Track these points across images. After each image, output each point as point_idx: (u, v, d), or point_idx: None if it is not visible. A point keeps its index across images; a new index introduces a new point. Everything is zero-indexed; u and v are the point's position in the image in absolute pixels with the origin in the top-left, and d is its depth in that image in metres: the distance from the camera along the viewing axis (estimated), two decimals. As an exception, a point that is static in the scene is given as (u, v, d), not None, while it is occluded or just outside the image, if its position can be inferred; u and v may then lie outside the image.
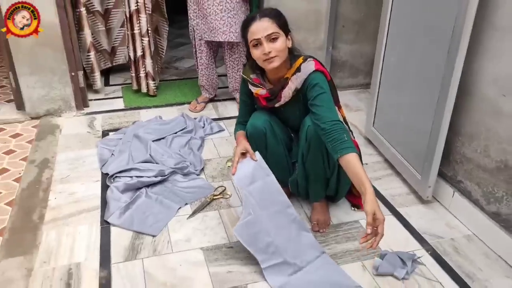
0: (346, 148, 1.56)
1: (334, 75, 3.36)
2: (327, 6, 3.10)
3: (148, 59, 3.13)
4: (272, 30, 1.69)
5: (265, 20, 1.70)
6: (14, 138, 2.64)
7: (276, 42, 1.70)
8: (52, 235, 1.87)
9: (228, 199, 2.13)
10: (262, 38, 1.68)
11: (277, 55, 1.70)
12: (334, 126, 1.62)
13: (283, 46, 1.72)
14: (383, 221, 1.43)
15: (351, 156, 1.55)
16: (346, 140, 1.58)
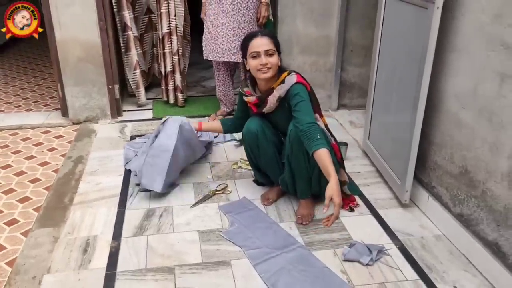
0: (317, 145, 1.86)
1: (343, 95, 3.65)
2: (336, 32, 3.42)
3: (177, 74, 3.56)
4: (270, 47, 2.06)
5: (265, 38, 2.07)
6: (57, 139, 3.11)
7: (272, 57, 2.06)
8: (78, 214, 2.26)
9: (229, 194, 2.45)
10: (262, 52, 2.05)
11: (271, 67, 2.06)
12: (310, 127, 1.92)
13: (276, 61, 2.08)
14: (338, 204, 1.72)
15: (321, 151, 1.85)
16: (319, 138, 1.88)
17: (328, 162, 1.83)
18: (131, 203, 2.35)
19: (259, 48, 2.05)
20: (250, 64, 2.09)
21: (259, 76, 2.09)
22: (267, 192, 2.41)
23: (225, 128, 2.45)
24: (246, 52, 2.11)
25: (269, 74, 2.07)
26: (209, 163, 2.81)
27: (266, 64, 2.04)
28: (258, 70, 2.07)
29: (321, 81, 3.56)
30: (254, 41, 2.07)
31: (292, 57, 3.44)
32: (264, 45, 2.05)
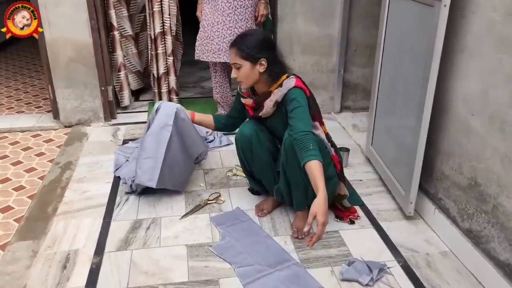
0: (309, 156, 1.71)
1: (347, 97, 3.49)
2: (338, 31, 3.25)
3: (172, 76, 3.42)
4: (235, 60, 1.94)
5: (232, 51, 1.95)
6: (47, 143, 2.99)
7: (240, 70, 1.94)
8: (60, 225, 2.13)
9: (221, 204, 2.31)
10: (232, 65, 1.94)
11: (241, 80, 1.95)
12: (304, 136, 1.77)
13: (246, 74, 1.94)
14: (322, 224, 1.61)
15: (312, 163, 1.70)
16: (311, 148, 1.73)
17: (317, 176, 1.69)
18: (117, 214, 2.22)
19: (230, 61, 1.97)
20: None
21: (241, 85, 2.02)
22: (262, 202, 2.27)
23: (217, 125, 2.31)
24: None
25: (244, 85, 2.01)
26: (203, 169, 2.67)
27: (236, 77, 1.95)
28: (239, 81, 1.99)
29: (323, 82, 3.41)
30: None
31: (293, 57, 3.29)
32: (232, 58, 1.95)
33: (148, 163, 2.18)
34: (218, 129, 2.33)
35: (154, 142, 2.18)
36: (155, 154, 2.17)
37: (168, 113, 2.19)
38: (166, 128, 2.17)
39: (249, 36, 1.99)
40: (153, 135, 2.19)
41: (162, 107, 2.22)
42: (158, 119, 2.19)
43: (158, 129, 2.18)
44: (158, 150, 2.17)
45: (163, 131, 2.17)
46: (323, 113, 3.52)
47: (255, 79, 1.95)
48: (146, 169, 2.18)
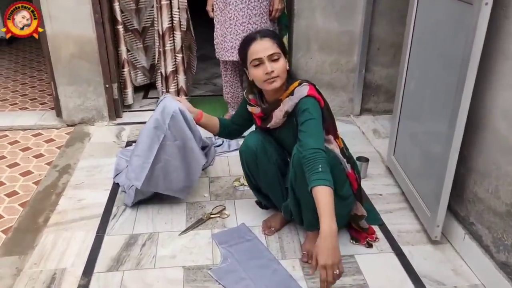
0: (317, 180, 1.50)
1: (368, 99, 3.23)
2: (360, 28, 2.99)
3: (181, 74, 3.22)
4: (274, 50, 1.69)
5: (267, 40, 1.70)
6: (47, 143, 2.83)
7: (278, 62, 1.69)
8: (50, 238, 1.96)
9: (225, 219, 2.11)
10: (264, 58, 1.68)
11: (278, 75, 1.69)
12: (313, 155, 1.55)
13: (284, 67, 1.71)
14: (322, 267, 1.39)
15: (320, 189, 1.49)
16: (321, 171, 1.51)
17: (323, 206, 1.47)
18: (112, 227, 2.04)
19: (260, 54, 1.68)
20: (253, 74, 1.73)
21: (266, 87, 1.73)
22: (269, 218, 2.06)
23: (221, 132, 2.08)
24: (245, 60, 1.75)
25: (278, 84, 1.70)
26: (208, 177, 2.47)
27: (272, 72, 1.68)
28: (264, 82, 1.71)
29: (342, 83, 3.16)
30: (253, 46, 1.70)
31: (310, 55, 3.05)
32: (267, 49, 1.68)
33: (137, 161, 2.01)
34: (220, 136, 2.12)
35: (147, 141, 2.01)
36: (146, 154, 2.00)
37: (166, 113, 1.98)
38: (160, 128, 1.98)
39: (271, 30, 1.81)
40: (146, 133, 2.01)
41: (161, 104, 2.01)
42: (153, 116, 2.00)
43: (152, 128, 1.99)
44: (149, 150, 2.00)
45: (156, 131, 1.99)
46: (341, 116, 3.35)
47: (285, 78, 1.73)
48: (135, 167, 2.01)
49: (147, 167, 2.00)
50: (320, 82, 3.12)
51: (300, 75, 3.08)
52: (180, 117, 1.97)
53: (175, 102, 1.98)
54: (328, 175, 1.52)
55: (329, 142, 1.76)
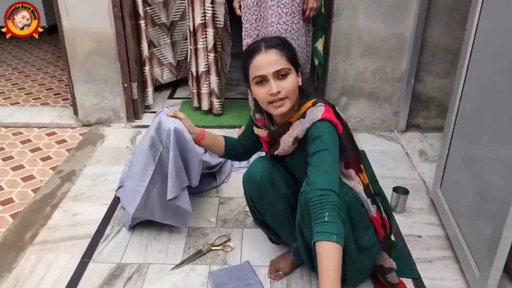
0: (319, 234, 1.18)
1: (416, 113, 2.80)
2: (412, 31, 2.56)
3: (213, 75, 2.94)
4: (281, 65, 1.35)
5: (273, 52, 1.36)
6: (58, 144, 2.67)
7: (286, 79, 1.35)
8: (31, 260, 1.76)
9: (228, 253, 1.81)
10: (269, 75, 1.34)
11: (287, 96, 1.36)
12: (320, 198, 1.21)
13: (294, 85, 1.37)
14: None
15: (321, 245, 1.17)
16: (326, 221, 1.17)
17: (324, 269, 1.15)
18: (100, 252, 1.81)
19: (264, 70, 1.34)
20: (255, 93, 1.40)
21: (272, 111, 1.40)
22: (278, 259, 1.73)
23: (227, 153, 1.77)
24: (247, 75, 1.42)
25: (286, 107, 1.37)
26: (219, 198, 2.18)
27: (278, 93, 1.34)
28: (268, 104, 1.38)
29: (386, 93, 2.75)
30: (256, 59, 1.36)
31: (350, 60, 2.66)
32: (272, 64, 1.34)
33: (131, 184, 1.77)
34: (228, 158, 1.82)
35: (141, 161, 1.75)
36: (140, 176, 1.74)
37: (161, 129, 1.70)
38: (155, 147, 1.72)
39: (280, 37, 1.46)
40: (141, 153, 1.75)
41: (156, 120, 1.74)
42: (148, 134, 1.74)
43: (147, 148, 1.73)
44: (144, 172, 1.74)
45: (152, 150, 1.73)
46: (383, 131, 2.92)
47: (296, 98, 1.40)
48: (128, 190, 1.77)
49: (141, 191, 1.74)
50: (360, 92, 2.74)
51: (337, 83, 2.71)
52: (178, 134, 1.68)
53: (171, 119, 1.69)
54: (335, 227, 1.17)
55: (349, 178, 1.41)
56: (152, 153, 1.72)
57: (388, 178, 2.32)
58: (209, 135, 1.74)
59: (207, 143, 1.73)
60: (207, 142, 1.73)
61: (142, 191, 1.74)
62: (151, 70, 3.03)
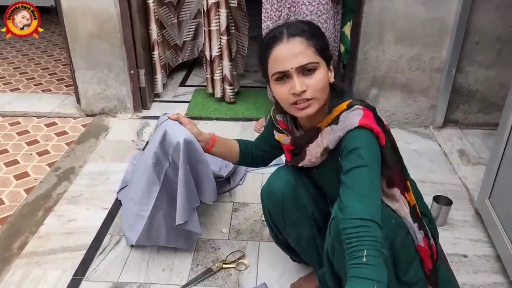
0: (355, 279, 0.91)
1: (456, 107, 2.48)
2: (455, 15, 2.23)
3: (226, 60, 2.67)
4: (308, 58, 1.06)
5: (297, 42, 1.07)
6: (58, 136, 2.44)
7: (313, 76, 1.07)
8: (17, 276, 1.54)
9: (242, 272, 1.56)
10: (292, 71, 1.06)
11: (314, 97, 1.07)
12: (359, 230, 0.94)
13: (323, 83, 1.08)
14: None
15: None
16: (364, 263, 0.90)
17: None
18: (96, 268, 1.57)
19: (286, 64, 1.06)
20: (275, 92, 1.12)
21: (296, 114, 1.12)
22: (301, 283, 1.48)
23: (243, 159, 1.49)
24: (265, 70, 1.14)
25: (312, 109, 1.09)
26: (233, 203, 1.93)
27: (303, 92, 1.06)
28: (291, 105, 1.10)
29: (423, 85, 2.43)
30: (276, 50, 1.08)
31: (383, 47, 2.35)
32: (295, 56, 1.06)
33: (132, 207, 1.50)
34: (243, 165, 1.56)
35: (143, 181, 1.47)
36: (142, 199, 1.47)
37: (167, 143, 1.42)
38: (160, 164, 1.45)
39: (307, 21, 1.15)
40: (143, 171, 1.47)
41: (160, 131, 1.43)
42: (151, 149, 1.46)
43: (150, 166, 1.45)
44: (147, 194, 1.47)
45: (156, 168, 1.45)
46: (417, 126, 2.60)
47: (325, 98, 1.11)
48: (129, 214, 1.50)
49: (144, 216, 1.49)
50: (393, 83, 2.43)
51: (367, 72, 2.40)
52: (188, 147, 1.40)
53: (179, 128, 1.40)
54: (376, 271, 0.90)
55: (392, 199, 1.13)
56: (156, 171, 1.45)
57: (425, 183, 2.04)
58: (220, 140, 1.46)
59: (218, 150, 1.45)
60: (218, 149, 1.45)
61: (145, 217, 1.49)
62: (160, 55, 2.76)
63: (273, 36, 1.09)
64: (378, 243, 0.93)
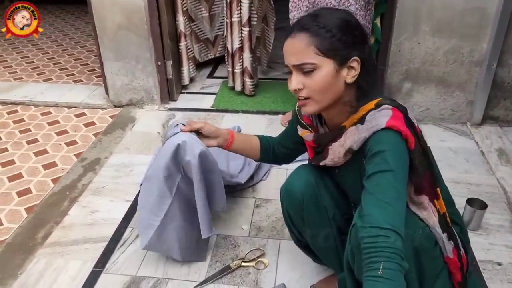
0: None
1: (496, 104, 2.34)
2: (498, 4, 2.09)
3: (246, 53, 2.62)
4: (304, 58, 1.01)
5: (300, 39, 1.01)
6: (86, 127, 2.47)
7: (312, 76, 1.01)
8: (40, 266, 1.56)
9: (261, 271, 1.52)
10: (291, 67, 1.03)
11: (309, 96, 1.03)
12: (377, 240, 0.88)
13: (323, 84, 1.02)
14: None
15: None
16: (379, 276, 0.84)
17: None
18: (115, 260, 1.58)
19: (287, 59, 1.04)
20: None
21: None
22: (321, 285, 1.43)
23: (264, 156, 1.44)
24: None
25: (310, 109, 1.06)
26: (255, 199, 1.89)
27: (298, 90, 1.03)
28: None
29: (461, 79, 2.30)
30: (285, 43, 1.05)
31: (418, 39, 2.23)
32: (293, 54, 1.02)
33: (144, 213, 1.46)
34: (264, 162, 1.51)
35: (155, 192, 1.42)
36: (153, 209, 1.43)
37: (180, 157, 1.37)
38: (171, 178, 1.41)
39: (326, 12, 1.07)
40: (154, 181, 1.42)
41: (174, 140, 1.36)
42: (162, 161, 1.38)
43: (162, 179, 1.40)
44: (158, 205, 1.42)
45: (167, 182, 1.41)
46: (453, 123, 2.46)
47: (335, 98, 1.05)
48: (142, 218, 1.47)
49: (154, 226, 1.44)
50: (428, 77, 2.31)
51: (400, 65, 2.29)
52: (203, 160, 1.37)
53: (191, 142, 1.34)
54: (392, 285, 0.84)
55: (420, 206, 1.05)
56: (168, 185, 1.41)
57: (459, 183, 1.93)
58: (239, 137, 1.41)
59: (238, 147, 1.41)
60: (238, 146, 1.41)
61: (155, 226, 1.44)
62: (187, 46, 2.73)
63: (289, 28, 1.05)
64: (397, 255, 0.86)
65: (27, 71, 3.19)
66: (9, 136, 2.39)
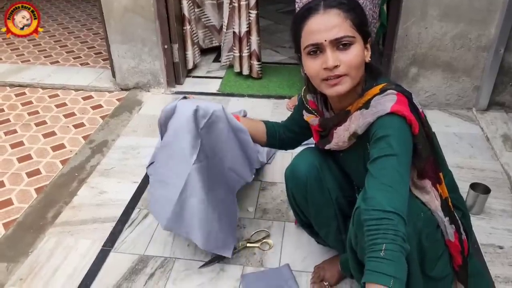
0: (372, 273, 0.87)
1: (502, 89, 2.33)
2: (508, -12, 2.07)
3: (254, 36, 2.62)
4: (344, 31, 1.01)
5: (334, 14, 1.02)
6: (94, 109, 2.49)
7: (349, 51, 1.02)
8: (50, 244, 1.61)
9: (266, 252, 1.56)
10: (326, 43, 1.01)
11: (347, 73, 1.03)
12: (380, 223, 0.90)
13: (358, 59, 1.03)
14: None
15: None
16: (382, 257, 0.87)
17: None
18: (124, 240, 1.62)
19: (320, 37, 1.01)
20: (307, 67, 1.08)
21: (326, 91, 1.07)
22: (324, 265, 1.45)
23: (270, 141, 1.46)
24: (298, 42, 1.09)
25: (344, 87, 1.04)
26: (260, 182, 1.91)
27: (336, 67, 1.01)
28: (322, 81, 1.05)
29: (467, 64, 2.29)
30: (311, 22, 1.03)
31: (425, 23, 2.22)
32: (331, 28, 1.01)
33: (160, 191, 1.44)
34: (270, 146, 1.52)
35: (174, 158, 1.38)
36: (170, 180, 1.39)
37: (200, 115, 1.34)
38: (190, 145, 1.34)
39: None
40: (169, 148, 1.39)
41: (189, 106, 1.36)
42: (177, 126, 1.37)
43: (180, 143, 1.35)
44: (177, 175, 1.36)
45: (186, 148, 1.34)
46: (459, 108, 2.45)
47: (361, 76, 1.07)
48: (158, 196, 1.47)
49: (173, 200, 1.36)
50: (435, 62, 2.30)
51: (407, 50, 2.28)
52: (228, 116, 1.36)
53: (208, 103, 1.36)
54: (394, 267, 0.86)
55: (422, 190, 1.07)
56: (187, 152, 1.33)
57: (463, 168, 1.94)
58: (246, 122, 1.42)
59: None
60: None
61: (174, 200, 1.36)
62: (192, 31, 2.73)
63: (309, 8, 1.04)
64: (400, 237, 0.88)
65: (34, 53, 3.20)
66: (18, 118, 2.42)
